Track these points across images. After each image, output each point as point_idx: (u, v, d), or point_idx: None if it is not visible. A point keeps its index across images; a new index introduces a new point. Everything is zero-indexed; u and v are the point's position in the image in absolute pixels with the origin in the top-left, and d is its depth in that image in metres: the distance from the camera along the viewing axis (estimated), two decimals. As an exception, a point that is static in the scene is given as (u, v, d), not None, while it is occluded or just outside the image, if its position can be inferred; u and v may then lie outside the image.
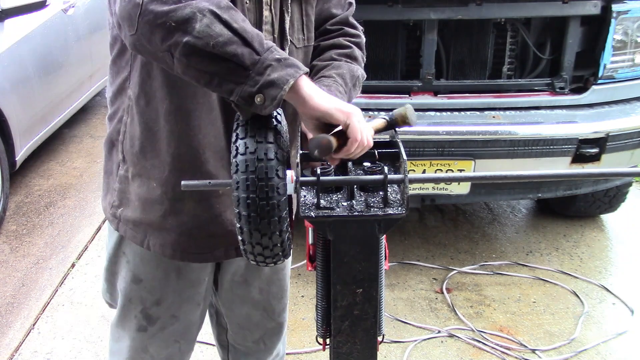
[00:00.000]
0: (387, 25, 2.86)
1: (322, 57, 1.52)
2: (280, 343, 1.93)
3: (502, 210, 4.02)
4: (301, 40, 1.48)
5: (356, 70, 1.51)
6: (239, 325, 1.83)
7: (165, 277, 1.61)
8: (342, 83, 1.43)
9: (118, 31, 1.25)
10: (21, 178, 4.44)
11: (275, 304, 1.80)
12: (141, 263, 1.59)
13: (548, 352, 2.72)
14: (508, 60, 2.99)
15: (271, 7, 1.39)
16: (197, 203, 1.46)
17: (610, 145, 2.79)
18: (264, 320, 1.81)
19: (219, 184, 1.29)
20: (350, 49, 1.54)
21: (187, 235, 1.50)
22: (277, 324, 1.85)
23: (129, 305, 1.65)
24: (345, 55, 1.52)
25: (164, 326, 1.67)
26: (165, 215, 1.47)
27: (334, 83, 1.41)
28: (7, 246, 3.63)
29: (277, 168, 1.08)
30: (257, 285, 1.74)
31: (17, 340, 2.82)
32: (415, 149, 2.72)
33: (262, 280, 1.74)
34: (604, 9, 2.76)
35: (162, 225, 1.49)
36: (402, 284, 3.22)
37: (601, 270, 3.35)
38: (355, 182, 1.21)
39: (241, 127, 1.12)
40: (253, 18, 1.37)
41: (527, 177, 1.17)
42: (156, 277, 1.60)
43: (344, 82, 1.43)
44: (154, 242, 1.51)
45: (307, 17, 1.48)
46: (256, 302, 1.77)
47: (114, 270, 1.65)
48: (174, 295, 1.63)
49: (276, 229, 1.10)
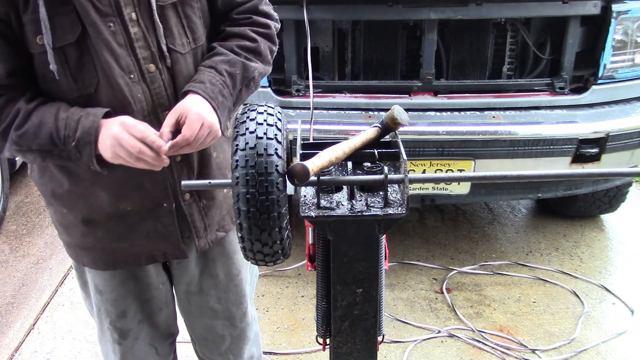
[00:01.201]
0: (387, 25, 2.86)
1: (224, 45, 1.49)
2: (251, 346, 1.91)
3: (502, 210, 4.02)
4: (186, 44, 1.45)
5: (253, 71, 1.49)
6: (202, 336, 1.83)
7: (123, 286, 1.63)
8: (231, 84, 1.44)
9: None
10: (21, 178, 4.44)
11: (235, 310, 1.79)
12: (97, 275, 1.63)
13: (548, 352, 2.72)
14: (508, 60, 2.99)
15: (139, 23, 1.37)
16: (108, 220, 1.51)
17: (610, 145, 2.79)
18: (226, 329, 1.81)
19: (219, 183, 1.29)
20: (256, 43, 1.51)
21: (110, 249, 1.55)
22: (240, 331, 1.83)
23: (100, 315, 1.69)
24: (248, 50, 1.49)
25: (137, 336, 1.71)
26: (84, 235, 1.54)
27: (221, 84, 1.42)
28: (7, 246, 3.63)
29: (277, 164, 1.08)
30: (214, 294, 1.73)
31: (17, 340, 2.82)
32: (415, 149, 2.72)
33: (218, 289, 1.73)
34: (604, 9, 2.75)
35: (85, 245, 1.56)
36: (402, 284, 3.22)
37: (601, 270, 3.35)
38: (355, 182, 1.21)
39: (241, 124, 1.13)
40: (122, 39, 1.35)
41: (527, 177, 1.17)
42: (115, 289, 1.63)
43: (232, 83, 1.44)
44: (86, 259, 1.59)
45: (187, 18, 1.45)
46: (216, 312, 1.76)
47: (84, 279, 1.69)
48: (135, 302, 1.66)
49: (275, 225, 1.09)
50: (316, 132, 2.68)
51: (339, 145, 1.21)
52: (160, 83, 1.41)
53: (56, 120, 1.33)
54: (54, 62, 1.31)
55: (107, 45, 1.32)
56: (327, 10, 2.75)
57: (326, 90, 2.88)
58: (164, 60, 1.41)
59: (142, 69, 1.38)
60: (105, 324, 1.69)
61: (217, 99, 1.40)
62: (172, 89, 1.44)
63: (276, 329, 2.88)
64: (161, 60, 1.41)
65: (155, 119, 1.41)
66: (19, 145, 1.35)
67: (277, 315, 2.97)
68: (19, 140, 1.34)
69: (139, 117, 1.37)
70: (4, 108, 1.34)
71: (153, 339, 1.75)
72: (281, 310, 3.00)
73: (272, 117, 1.14)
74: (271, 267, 2.57)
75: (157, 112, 1.42)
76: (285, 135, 1.17)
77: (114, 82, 1.35)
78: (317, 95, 2.78)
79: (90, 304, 1.74)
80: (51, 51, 1.30)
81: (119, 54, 1.34)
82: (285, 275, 3.29)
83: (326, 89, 2.88)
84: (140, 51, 1.37)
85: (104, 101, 1.36)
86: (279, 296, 3.11)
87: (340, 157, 1.19)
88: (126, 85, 1.36)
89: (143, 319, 1.70)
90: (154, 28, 1.38)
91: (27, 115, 1.34)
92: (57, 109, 1.34)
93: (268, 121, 1.12)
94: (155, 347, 1.76)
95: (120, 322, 1.67)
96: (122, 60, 1.35)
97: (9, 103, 1.35)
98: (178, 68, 1.43)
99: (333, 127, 2.75)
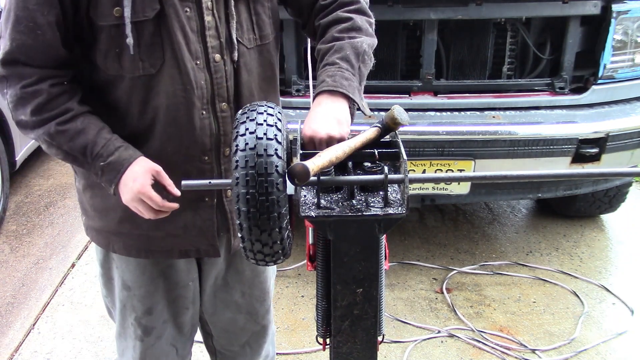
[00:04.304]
0: (387, 25, 2.86)
1: (325, 39, 1.49)
2: (268, 344, 1.93)
3: (502, 210, 4.02)
4: (252, 40, 1.47)
5: (360, 45, 1.46)
6: (223, 329, 1.83)
7: (152, 283, 1.63)
8: (348, 67, 1.41)
9: None
10: (21, 178, 4.44)
11: (259, 306, 1.80)
12: (127, 269, 1.62)
13: (548, 352, 2.72)
14: (508, 60, 2.99)
15: (214, 12, 1.40)
16: None
17: (610, 145, 2.79)
18: (248, 323, 1.81)
19: (219, 183, 1.29)
20: (351, 20, 1.49)
21: (146, 237, 1.54)
22: (261, 327, 1.85)
23: (124, 312, 1.68)
24: (347, 30, 1.47)
25: (160, 334, 1.70)
26: (121, 221, 1.53)
27: (339, 70, 1.40)
28: (7, 246, 3.63)
29: (277, 164, 1.08)
30: (239, 288, 1.75)
31: (17, 340, 2.82)
32: (415, 149, 2.72)
33: (243, 284, 1.74)
34: (604, 9, 2.76)
35: (120, 230, 1.55)
36: (402, 284, 3.22)
37: (601, 270, 3.35)
38: (356, 182, 1.21)
39: (241, 125, 1.13)
40: (195, 25, 1.38)
41: (527, 177, 1.17)
42: (144, 285, 1.63)
43: (349, 65, 1.42)
44: (118, 245, 1.57)
45: (257, 15, 1.47)
46: (239, 306, 1.77)
47: (110, 276, 1.68)
48: (163, 301, 1.66)
49: (275, 226, 1.10)
50: (316, 132, 2.68)
51: (339, 145, 1.21)
52: (223, 74, 1.44)
53: (98, 136, 1.37)
54: (130, 36, 1.31)
55: (182, 28, 1.35)
56: (327, 10, 2.74)
57: (326, 90, 2.87)
58: (231, 52, 1.44)
59: (208, 57, 1.41)
60: (129, 320, 1.68)
61: (342, 86, 1.38)
62: (232, 81, 1.46)
63: (276, 329, 2.87)
64: (227, 51, 1.44)
65: (212, 108, 1.45)
66: (52, 138, 1.37)
67: (277, 315, 2.97)
68: (54, 135, 1.36)
69: (198, 103, 1.41)
70: (56, 98, 1.36)
71: (175, 339, 1.74)
72: (281, 310, 3.00)
73: (272, 117, 1.14)
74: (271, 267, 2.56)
75: (215, 101, 1.45)
76: (285, 136, 1.17)
77: (182, 65, 1.37)
78: (317, 95, 2.78)
79: (111, 300, 1.72)
80: (129, 24, 1.31)
81: (190, 39, 1.37)
82: (285, 275, 3.29)
83: (326, 89, 2.88)
84: (210, 39, 1.40)
85: (167, 83, 1.38)
86: (279, 296, 3.11)
87: (341, 157, 1.19)
88: (192, 70, 1.39)
89: (168, 318, 1.69)
90: (227, 19, 1.42)
91: (74, 117, 1.37)
92: (103, 126, 1.40)
93: (268, 121, 1.12)
94: (176, 347, 1.75)
95: (146, 319, 1.66)
96: (192, 45, 1.38)
97: (62, 95, 1.37)
98: (243, 61, 1.46)
99: (333, 127, 2.75)
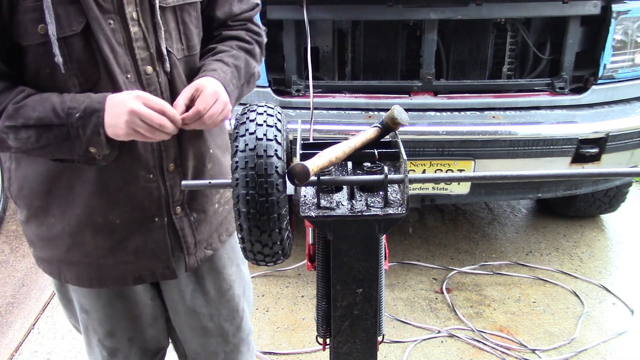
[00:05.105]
0: (387, 25, 2.86)
1: (224, 44, 1.51)
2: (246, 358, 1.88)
3: (502, 210, 4.02)
4: (180, 50, 1.43)
5: (254, 67, 1.52)
6: (196, 352, 1.80)
7: (109, 305, 1.59)
8: (237, 76, 1.46)
9: None
10: (21, 178, 4.44)
11: (228, 326, 1.75)
12: (82, 294, 1.60)
13: (548, 352, 2.72)
14: (508, 60, 2.99)
15: (140, 23, 1.34)
16: (95, 234, 1.46)
17: (610, 145, 2.79)
18: (220, 346, 1.77)
19: (220, 184, 1.29)
20: (252, 45, 1.55)
21: (96, 265, 1.49)
22: (233, 346, 1.80)
23: (88, 333, 1.67)
24: (247, 51, 1.53)
25: (126, 354, 1.68)
26: (69, 250, 1.49)
27: (230, 71, 1.43)
28: (7, 246, 3.63)
29: (277, 165, 1.08)
30: (207, 312, 1.70)
31: (17, 340, 2.82)
32: (415, 149, 2.72)
33: (210, 306, 1.69)
34: (604, 9, 2.76)
35: (70, 259, 1.51)
36: (402, 284, 3.22)
37: (601, 270, 3.35)
38: (355, 182, 1.21)
39: (241, 125, 1.13)
40: (122, 38, 1.32)
41: (527, 177, 1.17)
42: (101, 309, 1.59)
43: (238, 75, 1.47)
44: (70, 275, 1.54)
45: (184, 25, 1.43)
46: (209, 331, 1.73)
47: (68, 298, 1.66)
48: (124, 321, 1.63)
49: (275, 226, 1.09)
50: (316, 132, 2.68)
51: (339, 145, 1.21)
52: (157, 86, 1.39)
53: (61, 97, 1.27)
54: (59, 54, 1.24)
55: (107, 41, 1.29)
56: (327, 10, 2.75)
57: (326, 90, 2.88)
58: (162, 63, 1.38)
59: (139, 70, 1.35)
60: (93, 341, 1.66)
61: (229, 86, 1.41)
62: (168, 93, 1.41)
63: (276, 329, 2.88)
64: (159, 63, 1.38)
65: None
66: (14, 119, 1.25)
67: (277, 315, 2.97)
68: (14, 114, 1.25)
69: None
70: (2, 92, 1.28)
71: (143, 355, 1.71)
72: (281, 310, 3.00)
73: (272, 117, 1.14)
74: (271, 267, 2.57)
75: None
76: (285, 136, 1.17)
77: (115, 79, 1.31)
78: (317, 95, 2.79)
79: (75, 321, 1.69)
80: (56, 41, 1.23)
81: (117, 52, 1.31)
82: (285, 275, 3.29)
83: (326, 89, 2.88)
84: (138, 51, 1.34)
85: None
86: (279, 296, 3.11)
87: (340, 157, 1.19)
88: (124, 84, 1.33)
89: (132, 336, 1.66)
90: (155, 29, 1.36)
91: (30, 94, 1.28)
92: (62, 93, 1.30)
93: (268, 122, 1.12)
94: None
95: (109, 341, 1.64)
96: (120, 58, 1.32)
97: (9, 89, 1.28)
98: (176, 72, 1.41)
99: (333, 127, 2.75)
